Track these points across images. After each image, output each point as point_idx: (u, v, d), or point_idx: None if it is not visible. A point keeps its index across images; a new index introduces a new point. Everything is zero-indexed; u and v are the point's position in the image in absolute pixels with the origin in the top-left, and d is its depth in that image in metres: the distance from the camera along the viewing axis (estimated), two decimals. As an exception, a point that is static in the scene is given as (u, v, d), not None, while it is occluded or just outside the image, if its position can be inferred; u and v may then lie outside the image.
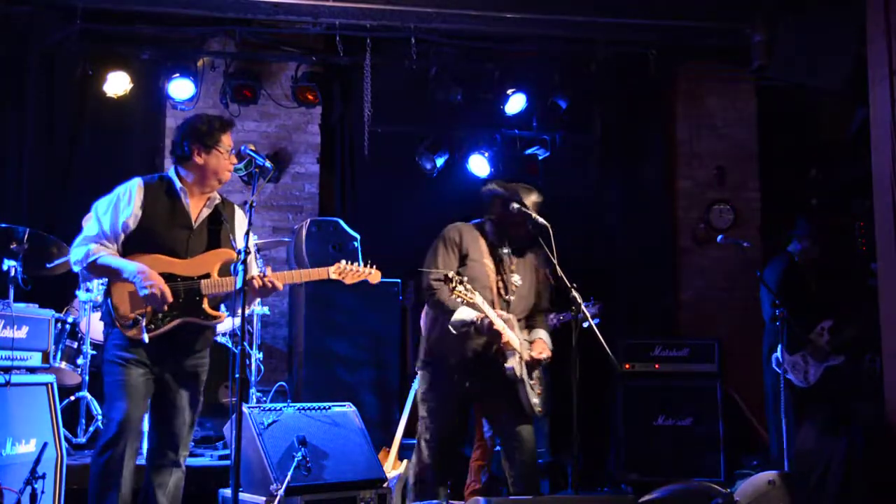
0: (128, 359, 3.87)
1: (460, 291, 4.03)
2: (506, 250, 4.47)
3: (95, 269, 3.90)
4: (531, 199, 4.42)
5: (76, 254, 3.89)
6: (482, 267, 4.37)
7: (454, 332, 4.23)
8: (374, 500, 4.68)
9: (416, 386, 4.80)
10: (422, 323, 4.55)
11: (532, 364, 4.39)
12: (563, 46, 7.52)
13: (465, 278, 4.11)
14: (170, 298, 3.82)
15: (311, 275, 4.20)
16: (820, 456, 2.31)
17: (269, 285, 3.93)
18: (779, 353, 5.65)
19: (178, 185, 4.03)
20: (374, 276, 4.25)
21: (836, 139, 7.90)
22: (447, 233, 4.44)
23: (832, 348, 5.97)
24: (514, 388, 4.29)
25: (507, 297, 4.40)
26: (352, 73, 7.44)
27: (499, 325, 4.18)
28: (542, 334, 4.55)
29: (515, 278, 4.45)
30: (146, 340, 3.84)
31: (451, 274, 4.07)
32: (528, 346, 4.44)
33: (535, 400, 4.34)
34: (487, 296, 4.28)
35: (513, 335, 4.28)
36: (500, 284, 4.40)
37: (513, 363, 4.25)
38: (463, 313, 4.19)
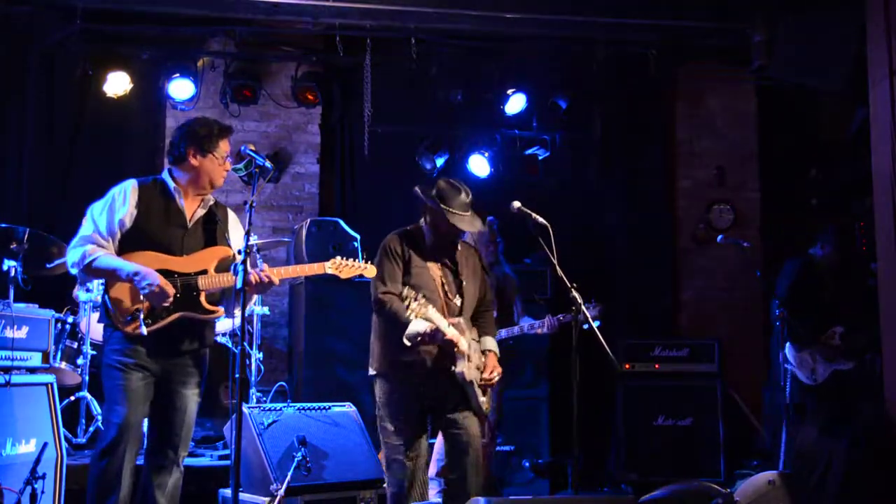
0: (127, 363, 3.87)
1: (415, 308, 4.06)
2: (447, 252, 4.49)
3: (92, 270, 3.91)
4: (459, 200, 4.39)
5: (73, 255, 3.89)
6: (427, 272, 4.38)
7: (409, 343, 4.23)
8: (374, 500, 4.69)
9: None
10: (372, 328, 4.52)
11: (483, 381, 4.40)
12: (563, 46, 7.51)
13: (422, 294, 4.12)
14: (171, 292, 3.84)
15: (308, 269, 4.22)
16: (821, 456, 2.31)
17: (266, 280, 3.93)
18: (786, 350, 5.66)
19: (172, 185, 4.05)
20: (370, 270, 4.28)
21: (836, 139, 7.89)
22: (387, 244, 4.42)
23: (843, 353, 5.97)
24: (464, 389, 4.31)
25: (454, 300, 4.41)
26: (352, 73, 7.43)
27: (451, 333, 4.21)
28: (490, 345, 4.54)
29: (460, 280, 4.47)
30: (145, 333, 3.84)
31: (405, 291, 4.10)
32: (476, 346, 4.45)
33: (482, 399, 4.36)
34: (436, 300, 4.30)
35: (463, 340, 4.30)
36: (447, 288, 4.40)
37: (462, 367, 4.27)
38: (416, 325, 4.20)
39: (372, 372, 4.45)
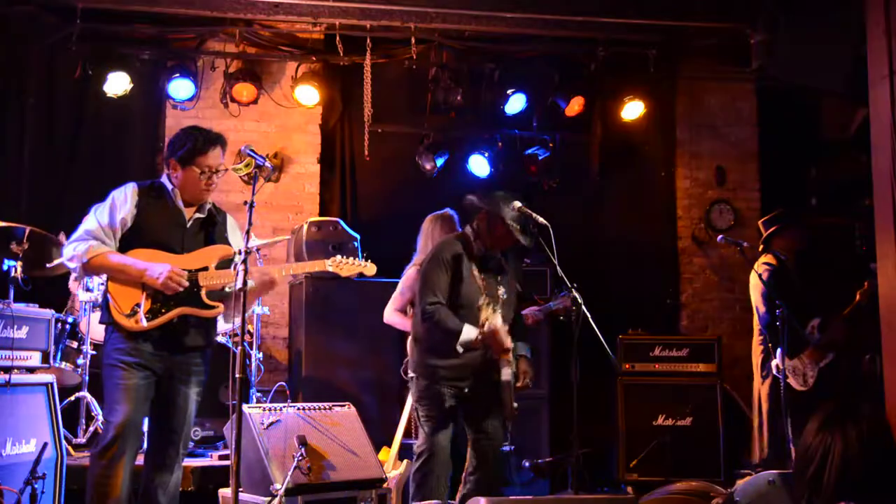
0: (129, 362, 3.88)
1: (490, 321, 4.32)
2: (492, 264, 4.59)
3: (97, 267, 3.92)
4: (515, 213, 4.47)
5: (77, 248, 3.89)
6: (473, 283, 4.49)
7: (461, 350, 4.37)
8: (374, 500, 4.68)
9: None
10: (413, 328, 4.59)
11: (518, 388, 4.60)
12: (563, 46, 7.51)
13: (495, 296, 4.36)
14: (185, 275, 3.87)
15: (307, 267, 4.23)
16: (817, 451, 2.33)
17: (267, 279, 4.01)
18: (778, 359, 5.67)
19: (170, 187, 4.09)
20: (370, 268, 4.30)
21: (836, 139, 7.90)
22: (442, 253, 4.52)
23: (823, 345, 5.99)
24: (500, 392, 4.42)
25: (496, 310, 4.50)
26: (352, 73, 7.43)
27: (508, 342, 4.37)
28: (523, 350, 4.70)
29: (501, 291, 4.57)
30: (145, 325, 3.86)
31: (485, 301, 4.38)
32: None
33: (515, 404, 4.48)
34: (475, 312, 4.43)
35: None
36: (487, 300, 4.48)
37: (507, 374, 4.41)
38: (468, 333, 4.35)
39: (411, 374, 4.62)
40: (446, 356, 4.42)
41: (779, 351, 5.64)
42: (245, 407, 4.63)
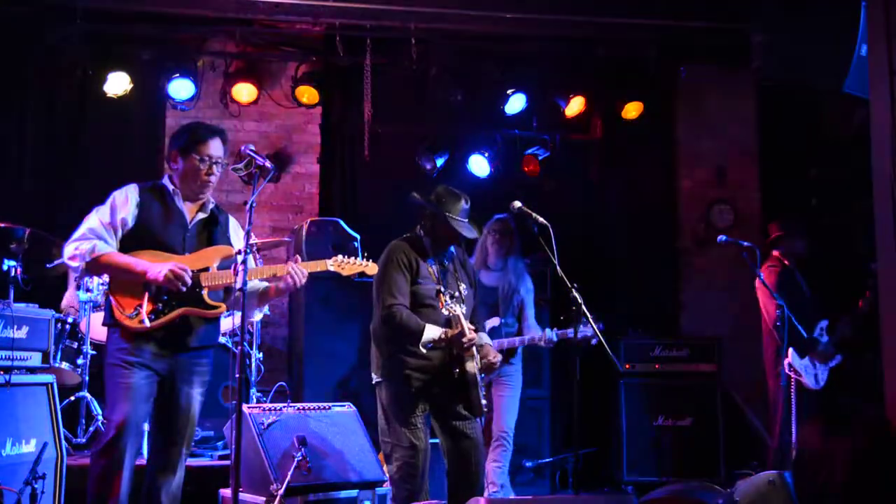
0: (131, 362, 3.87)
1: (449, 306, 4.23)
2: (447, 261, 4.58)
3: (101, 266, 3.92)
4: (458, 206, 4.48)
5: (81, 247, 3.88)
6: (430, 281, 4.46)
7: (424, 350, 4.33)
8: (374, 500, 4.69)
9: None
10: (374, 335, 4.55)
11: (485, 368, 4.54)
12: (563, 46, 7.51)
13: (455, 292, 4.28)
14: (188, 270, 3.86)
15: (309, 266, 4.23)
16: (824, 455, 2.33)
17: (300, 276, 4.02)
18: (790, 358, 5.68)
19: (171, 187, 4.10)
20: (371, 268, 4.31)
21: (836, 139, 7.90)
22: (394, 254, 4.48)
23: (830, 347, 6.00)
24: (468, 390, 4.38)
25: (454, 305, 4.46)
26: (352, 73, 7.43)
27: (470, 335, 4.30)
28: (485, 339, 4.70)
29: (462, 287, 4.55)
30: (148, 325, 3.86)
31: (440, 287, 4.28)
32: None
33: (484, 401, 4.44)
34: (437, 308, 4.38)
35: (477, 339, 4.42)
36: (448, 293, 4.44)
37: (473, 367, 4.36)
38: (430, 332, 4.32)
39: (376, 378, 4.50)
40: (413, 355, 4.35)
41: (790, 350, 5.65)
42: (245, 407, 4.64)
